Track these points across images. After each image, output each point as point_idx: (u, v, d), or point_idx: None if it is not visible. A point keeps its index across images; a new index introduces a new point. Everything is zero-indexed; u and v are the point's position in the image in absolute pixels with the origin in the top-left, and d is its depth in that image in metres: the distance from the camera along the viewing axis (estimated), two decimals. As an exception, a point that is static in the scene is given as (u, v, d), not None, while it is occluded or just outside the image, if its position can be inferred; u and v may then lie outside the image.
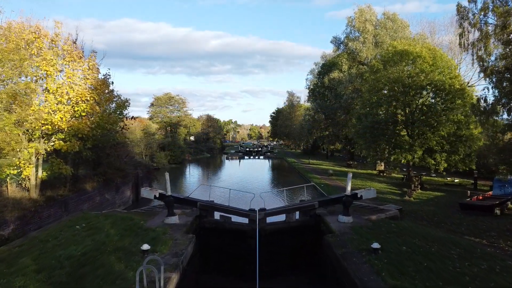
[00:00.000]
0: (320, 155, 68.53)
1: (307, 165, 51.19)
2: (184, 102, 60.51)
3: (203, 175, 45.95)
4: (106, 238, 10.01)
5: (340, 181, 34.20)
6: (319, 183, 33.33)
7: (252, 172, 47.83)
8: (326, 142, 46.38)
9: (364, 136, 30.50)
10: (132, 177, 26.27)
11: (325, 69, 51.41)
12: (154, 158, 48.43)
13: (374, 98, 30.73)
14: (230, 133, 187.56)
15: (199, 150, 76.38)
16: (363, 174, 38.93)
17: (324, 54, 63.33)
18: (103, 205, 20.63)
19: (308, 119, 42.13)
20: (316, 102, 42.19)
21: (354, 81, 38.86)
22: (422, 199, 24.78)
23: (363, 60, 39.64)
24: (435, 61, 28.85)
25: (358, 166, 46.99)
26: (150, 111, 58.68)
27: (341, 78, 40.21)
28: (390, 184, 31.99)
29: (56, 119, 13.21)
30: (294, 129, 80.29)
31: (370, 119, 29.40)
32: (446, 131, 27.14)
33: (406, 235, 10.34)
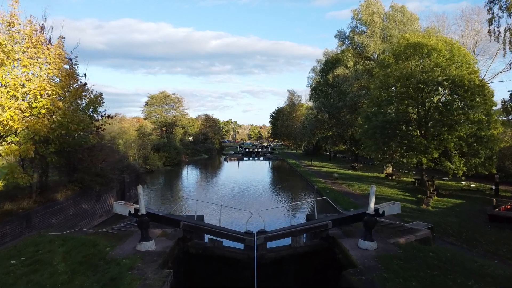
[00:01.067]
0: (322, 157, 65.86)
1: (309, 167, 48.52)
2: (180, 101, 57.94)
3: (199, 178, 43.32)
4: (49, 279, 7.36)
5: (347, 186, 31.56)
6: (324, 188, 30.69)
7: (251, 175, 45.18)
8: (330, 143, 43.74)
9: (373, 137, 27.84)
10: (117, 183, 23.62)
11: (329, 66, 48.76)
12: (148, 160, 45.75)
13: (384, 96, 28.10)
14: (230, 133, 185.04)
15: (197, 151, 73.70)
16: (371, 178, 36.26)
17: (327, 51, 60.80)
18: (79, 217, 17.98)
19: (311, 118, 39.43)
20: (319, 101, 39.51)
21: (361, 77, 36.23)
22: (441, 208, 22.11)
23: (370, 56, 37.01)
24: (452, 55, 26.23)
25: (364, 169, 44.33)
26: (145, 110, 56.05)
27: (347, 74, 37.57)
28: (402, 189, 29.34)
29: (5, 117, 10.57)
30: (295, 129, 77.59)
31: (380, 118, 26.73)
32: (465, 131, 24.50)
33: (455, 272, 7.67)
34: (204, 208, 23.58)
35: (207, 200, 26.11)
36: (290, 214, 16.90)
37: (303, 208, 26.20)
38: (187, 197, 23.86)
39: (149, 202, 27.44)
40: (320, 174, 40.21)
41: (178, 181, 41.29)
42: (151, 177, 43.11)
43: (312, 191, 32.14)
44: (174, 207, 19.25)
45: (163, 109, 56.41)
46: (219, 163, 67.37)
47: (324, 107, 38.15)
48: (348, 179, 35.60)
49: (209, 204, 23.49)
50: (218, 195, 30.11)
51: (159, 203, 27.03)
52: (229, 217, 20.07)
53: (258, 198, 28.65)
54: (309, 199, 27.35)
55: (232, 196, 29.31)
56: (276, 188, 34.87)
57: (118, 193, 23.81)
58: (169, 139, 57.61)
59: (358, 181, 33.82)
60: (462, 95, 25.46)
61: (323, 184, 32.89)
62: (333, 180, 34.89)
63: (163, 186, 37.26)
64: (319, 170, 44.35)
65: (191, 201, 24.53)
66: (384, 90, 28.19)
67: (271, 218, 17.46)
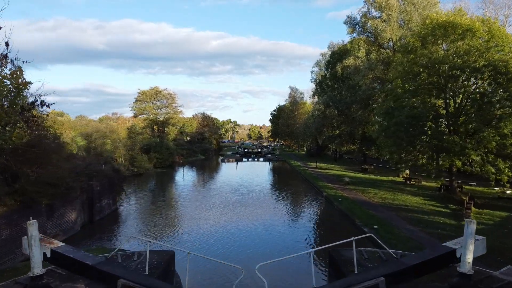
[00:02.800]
0: (327, 158, 61.26)
1: (314, 169, 43.95)
2: (173, 97, 53.25)
3: (191, 182, 38.76)
4: None
5: (361, 192, 26.99)
6: (335, 195, 26.15)
7: (249, 178, 40.65)
8: (338, 143, 39.17)
9: (395, 135, 23.30)
10: (83, 192, 19.07)
11: (336, 58, 44.19)
12: (135, 162, 41.19)
13: (409, 86, 23.58)
14: (229, 133, 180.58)
15: (193, 152, 69.12)
16: (386, 183, 31.69)
17: (332, 43, 56.19)
18: (18, 242, 13.37)
19: (318, 115, 34.87)
20: (327, 95, 34.90)
21: (375, 68, 31.65)
22: (488, 224, 17.54)
23: (385, 43, 32.47)
24: (491, 36, 21.75)
25: (376, 171, 39.79)
26: (134, 107, 51.39)
27: (358, 65, 33.00)
28: (427, 197, 24.79)
29: None
30: (297, 128, 73.04)
31: (404, 113, 22.17)
32: (511, 128, 20.02)
33: None
34: (188, 227, 18.51)
35: (191, 214, 21.69)
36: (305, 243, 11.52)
37: (311, 217, 21.56)
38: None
39: (124, 213, 22.93)
40: (328, 178, 35.65)
41: (166, 186, 36.69)
42: (138, 181, 38.60)
43: (320, 198, 27.59)
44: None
45: (154, 105, 51.80)
46: (216, 164, 62.79)
47: (333, 102, 33.52)
48: (360, 184, 31.04)
49: (198, 219, 18.88)
50: (208, 205, 25.60)
51: (133, 218, 22.50)
52: (213, 250, 15.33)
53: (256, 210, 24.14)
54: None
55: (226, 205, 24.80)
56: (277, 196, 30.32)
57: (84, 205, 19.25)
58: (161, 138, 53.05)
59: (373, 187, 29.28)
60: (504, 84, 20.94)
61: (332, 190, 28.33)
62: (343, 185, 30.32)
63: (146, 192, 32.68)
64: (325, 173, 39.79)
65: (174, 216, 20.14)
66: (409, 79, 23.68)
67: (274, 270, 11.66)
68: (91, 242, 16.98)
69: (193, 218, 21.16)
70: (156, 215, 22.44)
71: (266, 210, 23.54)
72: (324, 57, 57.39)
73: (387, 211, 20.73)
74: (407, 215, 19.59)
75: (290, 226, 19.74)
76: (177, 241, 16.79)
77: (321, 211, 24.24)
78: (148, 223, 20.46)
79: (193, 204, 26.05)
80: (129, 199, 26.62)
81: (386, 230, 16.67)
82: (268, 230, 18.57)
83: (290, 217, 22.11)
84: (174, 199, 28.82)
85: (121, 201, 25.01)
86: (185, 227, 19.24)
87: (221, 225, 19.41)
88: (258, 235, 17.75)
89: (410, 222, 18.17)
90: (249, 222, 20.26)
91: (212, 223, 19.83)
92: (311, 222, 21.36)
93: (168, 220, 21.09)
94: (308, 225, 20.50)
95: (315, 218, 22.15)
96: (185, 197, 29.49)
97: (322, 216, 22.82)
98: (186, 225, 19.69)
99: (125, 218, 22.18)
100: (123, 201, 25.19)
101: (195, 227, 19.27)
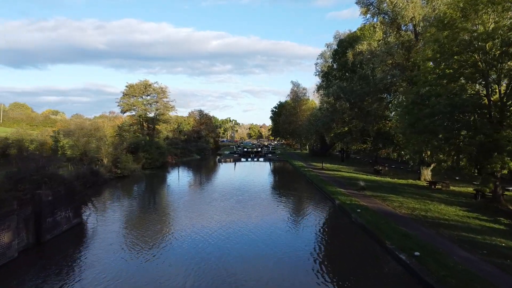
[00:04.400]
0: (332, 157, 56.63)
1: (320, 170, 39.31)
2: (164, 91, 48.36)
3: (180, 186, 34.11)
4: None
5: (381, 200, 22.33)
6: (350, 204, 21.49)
7: (248, 181, 36.07)
8: (348, 141, 34.48)
9: (429, 130, 18.68)
10: (28, 204, 14.45)
11: (345, 46, 39.54)
12: (119, 163, 36.54)
13: (445, 69, 18.95)
14: (229, 132, 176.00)
15: (188, 151, 64.46)
16: (407, 188, 27.00)
17: (338, 33, 51.48)
18: None
19: (327, 108, 30.22)
20: (336, 85, 30.13)
21: (394, 52, 26.98)
22: None
23: (406, 23, 27.77)
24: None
25: (391, 173, 35.13)
26: (121, 102, 46.55)
27: (374, 50, 28.28)
28: (463, 206, 20.13)
29: None
30: (299, 126, 68.41)
31: (444, 102, 17.53)
32: None
33: None
34: (170, 249, 11.54)
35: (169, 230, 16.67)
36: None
37: (323, 236, 16.66)
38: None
39: (92, 227, 18.27)
40: (337, 181, 30.98)
41: (151, 191, 31.94)
42: (122, 184, 33.95)
43: (331, 207, 22.91)
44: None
45: (144, 100, 47.06)
46: (213, 164, 58.12)
47: (344, 93, 28.76)
48: (378, 189, 26.39)
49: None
50: (198, 219, 21.01)
51: (102, 234, 17.85)
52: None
53: (256, 225, 19.55)
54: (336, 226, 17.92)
55: (220, 222, 20.21)
56: (279, 203, 25.67)
57: (28, 221, 14.60)
58: (151, 136, 48.38)
59: (393, 192, 24.66)
60: None
61: (346, 197, 23.67)
62: (358, 191, 25.66)
63: (126, 198, 28.01)
64: (333, 175, 35.13)
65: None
66: (443, 60, 19.04)
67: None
68: (28, 276, 12.32)
69: (177, 237, 16.55)
70: (132, 230, 17.84)
71: (267, 224, 18.91)
72: (330, 47, 52.74)
73: (422, 228, 16.07)
74: (451, 234, 14.93)
75: (300, 254, 14.96)
76: (153, 271, 12.17)
77: (335, 226, 19.49)
78: (120, 242, 15.83)
79: (180, 214, 21.42)
80: (104, 208, 21.97)
81: (434, 259, 12.02)
82: (272, 260, 13.92)
83: (298, 236, 17.44)
84: (157, 208, 24.16)
85: (90, 212, 20.41)
86: (166, 249, 14.64)
87: (212, 250, 14.79)
88: (257, 270, 13.13)
89: (461, 245, 13.51)
90: (247, 243, 15.66)
91: (202, 246, 15.23)
92: (323, 244, 16.54)
93: (146, 237, 16.48)
94: (321, 250, 15.75)
95: (328, 238, 17.41)
96: (171, 205, 24.86)
97: (338, 233, 18.13)
98: (167, 246, 15.08)
99: (91, 235, 17.53)
100: (92, 211, 20.56)
101: (179, 249, 14.67)
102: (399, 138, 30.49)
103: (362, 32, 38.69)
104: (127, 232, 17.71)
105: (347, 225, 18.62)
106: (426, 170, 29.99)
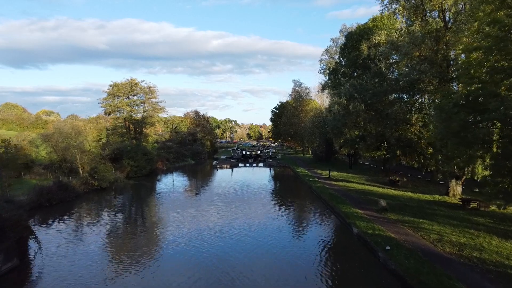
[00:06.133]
0: (339, 163, 51.84)
1: (327, 180, 34.54)
2: (152, 91, 43.48)
3: (167, 201, 29.36)
4: None
5: (412, 228, 17.51)
6: (373, 234, 16.69)
7: (247, 194, 31.38)
8: (362, 147, 29.62)
9: (486, 141, 13.93)
10: None
11: (355, 39, 34.79)
12: (96, 173, 31.75)
13: (501, 59, 14.18)
14: (227, 133, 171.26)
15: (182, 156, 59.69)
16: (436, 206, 22.18)
17: (345, 26, 46.75)
18: None
19: (338, 111, 25.73)
20: (349, 84, 25.35)
21: (421, 43, 22.23)
22: None
23: (435, 8, 22.98)
24: None
25: (409, 185, 30.35)
26: (105, 103, 41.59)
27: (396, 40, 23.47)
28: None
29: None
30: (302, 128, 63.64)
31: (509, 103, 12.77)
32: None
33: None
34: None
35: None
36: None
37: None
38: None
39: (37, 269, 13.51)
40: (350, 197, 26.16)
41: (125, 209, 26.93)
42: (97, 200, 29.11)
43: (348, 237, 18.07)
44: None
45: (130, 101, 42.25)
46: (207, 171, 53.29)
47: (358, 93, 24.01)
48: (402, 209, 21.58)
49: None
50: (181, 257, 16.31)
51: (47, 281, 13.09)
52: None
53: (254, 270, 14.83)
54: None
55: (211, 269, 15.52)
56: (282, 229, 20.90)
57: None
58: (139, 141, 43.56)
59: (423, 215, 19.90)
60: None
61: (366, 223, 18.87)
62: (379, 213, 20.88)
63: (87, 222, 23.20)
64: (344, 187, 30.34)
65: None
66: (502, 49, 14.25)
67: None
68: None
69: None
70: (95, 274, 13.06)
71: (267, 267, 14.15)
72: (336, 42, 47.96)
73: (486, 283, 11.31)
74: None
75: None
76: None
77: (356, 272, 14.46)
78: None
79: (157, 245, 16.66)
80: (61, 238, 17.14)
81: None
82: None
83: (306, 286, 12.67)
84: (131, 232, 19.35)
85: (37, 248, 15.67)
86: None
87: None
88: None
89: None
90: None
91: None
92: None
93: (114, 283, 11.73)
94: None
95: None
96: (149, 229, 20.07)
97: (361, 282, 13.31)
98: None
99: (33, 282, 12.86)
100: (38, 248, 15.79)
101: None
102: (423, 144, 25.76)
103: (375, 23, 33.96)
104: (88, 276, 12.92)
105: (373, 269, 13.80)
106: (455, 184, 25.23)
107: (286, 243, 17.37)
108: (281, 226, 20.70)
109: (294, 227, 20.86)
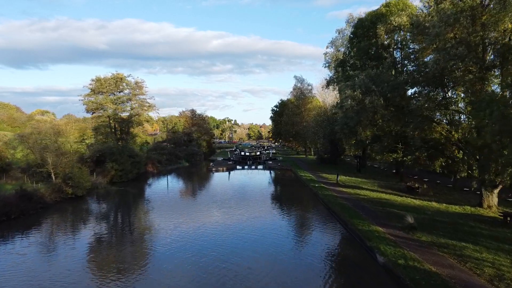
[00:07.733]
0: (345, 165, 47.71)
1: (335, 187, 30.44)
2: (140, 87, 39.34)
3: (152, 212, 25.32)
4: None
5: (457, 258, 13.34)
6: (409, 266, 12.52)
7: (245, 203, 27.37)
8: (378, 150, 25.48)
9: None
10: None
11: (366, 27, 30.70)
12: (71, 179, 27.67)
13: None
14: (227, 133, 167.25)
15: (175, 157, 55.62)
16: (472, 222, 18.09)
17: (351, 16, 42.55)
18: None
19: (351, 105, 21.79)
20: (365, 75, 21.27)
21: (454, 23, 18.16)
22: None
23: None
24: None
25: (431, 192, 26.30)
26: (87, 100, 37.32)
27: (423, 21, 19.38)
28: None
29: None
30: (304, 127, 59.57)
31: None
32: None
33: None
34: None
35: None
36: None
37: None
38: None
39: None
40: (366, 209, 22.03)
41: (103, 221, 22.72)
42: (69, 211, 25.03)
43: (370, 269, 13.94)
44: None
45: (115, 98, 38.17)
46: (202, 174, 49.21)
47: (376, 85, 19.89)
48: (433, 227, 17.45)
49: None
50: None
51: None
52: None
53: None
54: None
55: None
56: (281, 255, 16.86)
57: None
58: (125, 142, 39.47)
59: (460, 235, 15.86)
60: None
61: (393, 247, 14.77)
62: (406, 232, 16.79)
63: (55, 240, 19.09)
64: (356, 195, 26.26)
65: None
66: None
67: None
68: None
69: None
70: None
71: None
72: (342, 34, 43.82)
73: None
74: None
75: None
76: None
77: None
78: None
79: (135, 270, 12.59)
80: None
81: None
82: None
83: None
84: (101, 250, 15.27)
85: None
86: None
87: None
88: None
89: None
90: None
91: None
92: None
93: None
94: None
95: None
96: (125, 246, 15.98)
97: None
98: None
99: None
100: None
101: None
102: (452, 145, 21.71)
103: (388, 9, 29.87)
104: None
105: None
106: (490, 194, 21.14)
107: (287, 278, 13.25)
108: (284, 255, 16.59)
109: (298, 252, 16.76)
